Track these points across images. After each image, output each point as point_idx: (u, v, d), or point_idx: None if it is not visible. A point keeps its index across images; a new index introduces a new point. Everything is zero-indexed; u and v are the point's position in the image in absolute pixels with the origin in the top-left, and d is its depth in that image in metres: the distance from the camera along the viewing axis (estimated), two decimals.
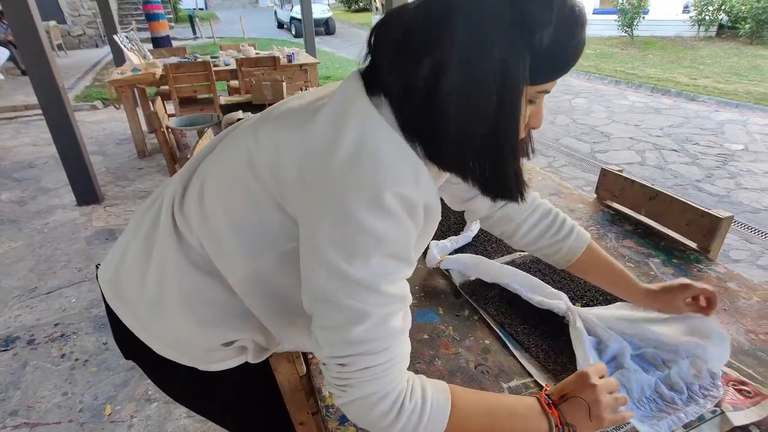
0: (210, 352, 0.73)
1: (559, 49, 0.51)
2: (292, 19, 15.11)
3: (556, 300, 0.94)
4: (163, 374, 0.83)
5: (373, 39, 0.57)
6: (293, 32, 15.10)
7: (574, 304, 0.94)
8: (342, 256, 0.51)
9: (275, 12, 18.42)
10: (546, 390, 0.66)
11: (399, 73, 0.53)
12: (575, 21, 0.50)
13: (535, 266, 1.12)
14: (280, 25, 17.53)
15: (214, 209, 0.64)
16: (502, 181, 0.57)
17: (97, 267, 0.81)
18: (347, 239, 0.50)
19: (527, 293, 0.98)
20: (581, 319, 0.88)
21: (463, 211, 0.95)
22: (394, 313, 0.55)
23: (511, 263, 1.13)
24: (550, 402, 0.63)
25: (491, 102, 0.50)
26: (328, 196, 0.51)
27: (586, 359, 0.80)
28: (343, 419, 0.74)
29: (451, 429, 0.58)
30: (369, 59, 0.58)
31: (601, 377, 0.65)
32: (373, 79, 0.56)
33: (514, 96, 0.51)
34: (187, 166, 0.74)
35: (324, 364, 0.58)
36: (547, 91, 0.56)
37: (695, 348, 0.80)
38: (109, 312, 0.76)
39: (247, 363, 0.78)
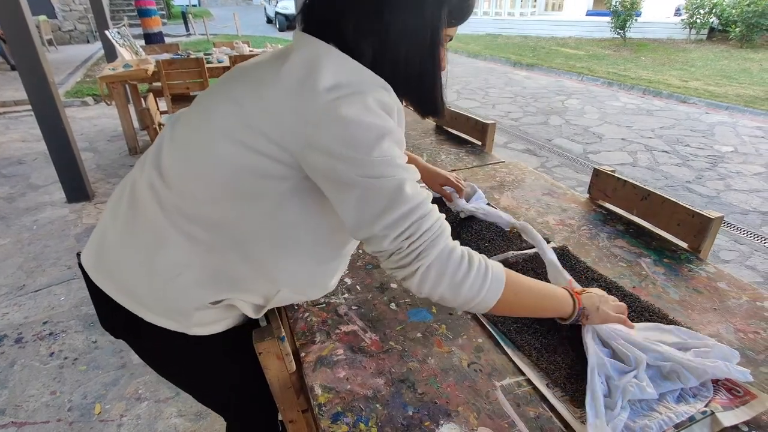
0: (200, 311, 0.78)
1: (461, 1, 0.71)
2: (277, 14, 16.27)
3: None
4: (151, 346, 0.88)
5: (312, 5, 0.71)
6: (278, 26, 16.33)
7: None
8: (362, 152, 0.63)
9: (264, 8, 19.43)
10: (569, 284, 0.91)
11: (356, 24, 0.67)
12: None
13: (528, 264, 1.12)
14: (269, 21, 18.41)
15: (209, 171, 0.70)
16: (434, 98, 0.75)
17: (78, 255, 0.87)
18: (359, 138, 0.63)
19: None
20: (596, 329, 0.86)
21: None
22: (412, 181, 0.68)
23: (504, 261, 1.13)
24: (574, 292, 0.84)
25: (427, 37, 0.70)
26: (328, 118, 0.62)
27: (599, 367, 0.79)
28: (335, 417, 0.73)
29: (505, 297, 0.72)
30: (302, 22, 0.72)
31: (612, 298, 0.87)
32: (318, 34, 0.69)
33: (440, 33, 0.71)
34: (152, 152, 0.80)
35: (391, 257, 0.68)
36: (450, 38, 0.76)
37: (714, 369, 0.77)
38: (97, 294, 0.82)
39: (237, 332, 0.85)
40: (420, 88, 0.74)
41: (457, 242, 0.71)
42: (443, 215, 0.71)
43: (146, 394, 1.84)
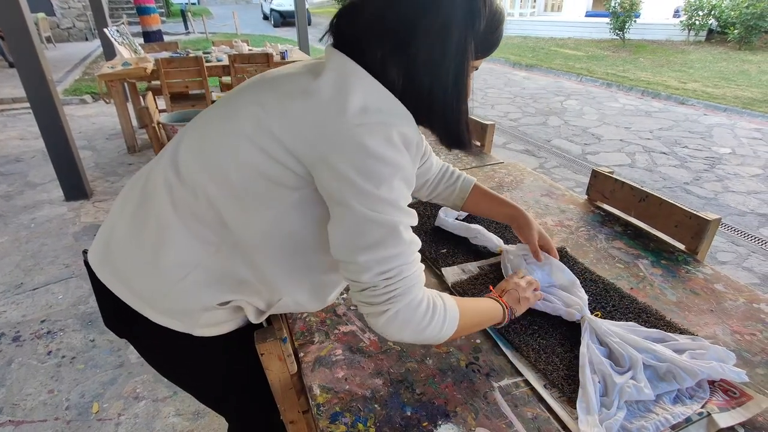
0: (207, 312, 0.78)
1: (488, 34, 0.72)
2: (272, 10, 17.27)
3: (572, 307, 0.93)
4: (155, 346, 0.87)
5: (341, 24, 0.72)
6: (272, 22, 17.27)
7: (592, 313, 0.92)
8: (371, 184, 0.64)
9: (261, 5, 20.48)
10: (493, 292, 0.95)
11: (383, 53, 0.68)
12: (499, 16, 0.72)
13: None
14: (266, 17, 19.34)
15: (224, 171, 0.70)
16: (459, 131, 0.75)
17: (84, 253, 0.86)
18: (373, 170, 0.63)
19: (545, 292, 0.98)
20: (594, 328, 0.87)
21: None
22: (408, 226, 0.69)
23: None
24: (499, 299, 0.91)
25: (452, 70, 0.69)
26: (350, 142, 0.63)
27: (596, 365, 0.80)
28: (334, 417, 0.74)
29: (458, 330, 0.76)
30: (332, 37, 0.73)
31: (522, 278, 0.97)
32: (348, 54, 0.69)
33: (466, 65, 0.70)
34: (170, 148, 0.80)
35: (364, 290, 0.69)
36: (475, 68, 0.77)
37: (709, 370, 0.77)
38: (102, 291, 0.80)
39: (240, 333, 0.85)
40: (444, 119, 0.74)
41: (425, 290, 0.73)
42: (422, 265, 0.73)
43: (144, 393, 1.84)
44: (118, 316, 0.83)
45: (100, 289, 0.81)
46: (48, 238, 2.99)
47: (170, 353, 0.87)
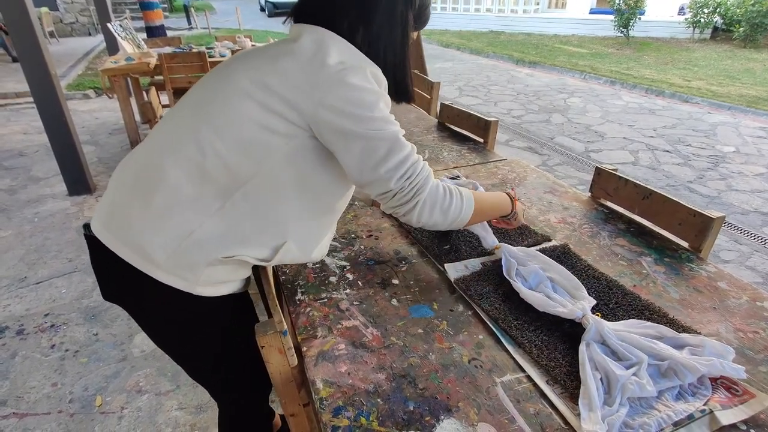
0: (210, 268, 0.84)
1: (422, 11, 0.92)
2: (266, 1, 18.55)
3: (574, 305, 0.92)
4: (154, 308, 0.90)
5: (307, 4, 0.88)
6: (267, 13, 18.73)
7: (593, 313, 0.92)
8: (366, 109, 0.79)
9: None
10: (512, 191, 1.15)
11: (349, 23, 0.84)
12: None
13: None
14: (262, 9, 20.45)
15: (231, 127, 0.80)
16: (405, 84, 0.94)
17: (86, 227, 0.90)
18: (363, 99, 0.79)
19: (544, 292, 0.98)
20: (596, 328, 0.86)
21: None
22: (402, 134, 0.85)
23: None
24: (514, 199, 1.13)
25: (399, 35, 0.89)
26: (338, 83, 0.78)
27: (597, 364, 0.80)
28: (336, 411, 0.74)
29: (475, 212, 0.97)
30: (294, 18, 0.89)
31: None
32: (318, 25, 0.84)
33: (408, 34, 0.91)
34: (162, 128, 0.88)
35: (394, 196, 0.86)
36: (413, 38, 0.94)
37: (709, 367, 0.77)
38: (103, 261, 0.87)
39: (235, 298, 0.93)
40: (394, 76, 0.91)
41: (438, 182, 0.91)
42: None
43: (147, 387, 1.85)
44: (120, 283, 0.88)
45: (101, 259, 0.86)
46: (51, 233, 3.00)
47: (170, 315, 0.90)
